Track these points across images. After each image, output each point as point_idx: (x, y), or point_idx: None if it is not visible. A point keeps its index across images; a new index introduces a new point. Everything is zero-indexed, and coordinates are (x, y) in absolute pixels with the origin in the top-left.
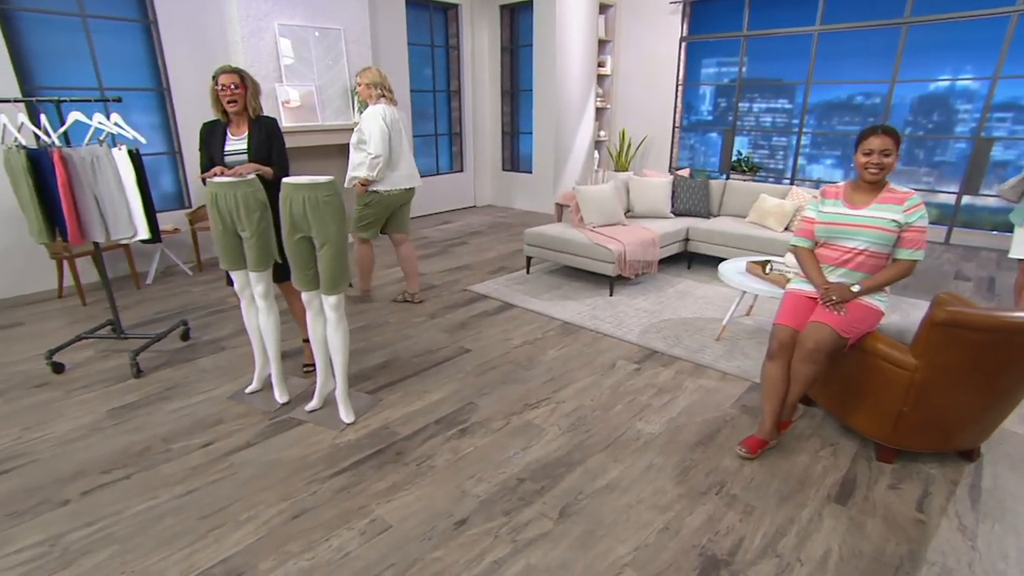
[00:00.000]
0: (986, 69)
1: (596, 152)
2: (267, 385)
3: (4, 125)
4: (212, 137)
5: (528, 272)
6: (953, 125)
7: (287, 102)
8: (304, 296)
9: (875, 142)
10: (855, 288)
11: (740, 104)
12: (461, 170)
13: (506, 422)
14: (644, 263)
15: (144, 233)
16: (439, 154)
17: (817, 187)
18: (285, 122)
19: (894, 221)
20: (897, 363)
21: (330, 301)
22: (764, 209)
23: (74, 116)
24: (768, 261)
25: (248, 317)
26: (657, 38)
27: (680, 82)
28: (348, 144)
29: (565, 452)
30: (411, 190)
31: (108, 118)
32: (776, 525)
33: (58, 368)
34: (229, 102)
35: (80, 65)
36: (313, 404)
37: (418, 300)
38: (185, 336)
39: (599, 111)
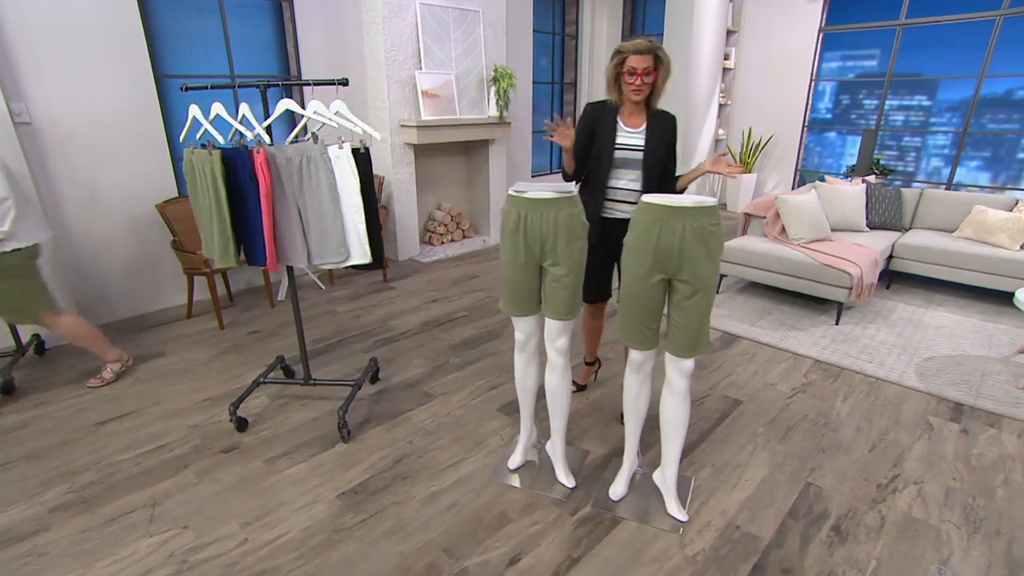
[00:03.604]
0: None
1: (714, 152)
2: (531, 457)
3: (193, 117)
4: (603, 125)
5: (718, 291)
6: None
7: (427, 92)
8: (637, 357)
9: None
10: None
11: (867, 101)
12: None
13: (879, 516)
14: (870, 286)
15: (361, 256)
16: (552, 151)
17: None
18: (425, 114)
19: None
20: None
21: (685, 367)
22: (987, 223)
23: (284, 104)
24: None
25: (525, 374)
26: (789, 29)
27: (814, 77)
28: (479, 141)
29: (1006, 570)
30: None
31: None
32: None
33: (242, 425)
34: (635, 91)
35: (207, 50)
36: (620, 491)
37: (120, 369)
38: (375, 377)
39: (720, 108)
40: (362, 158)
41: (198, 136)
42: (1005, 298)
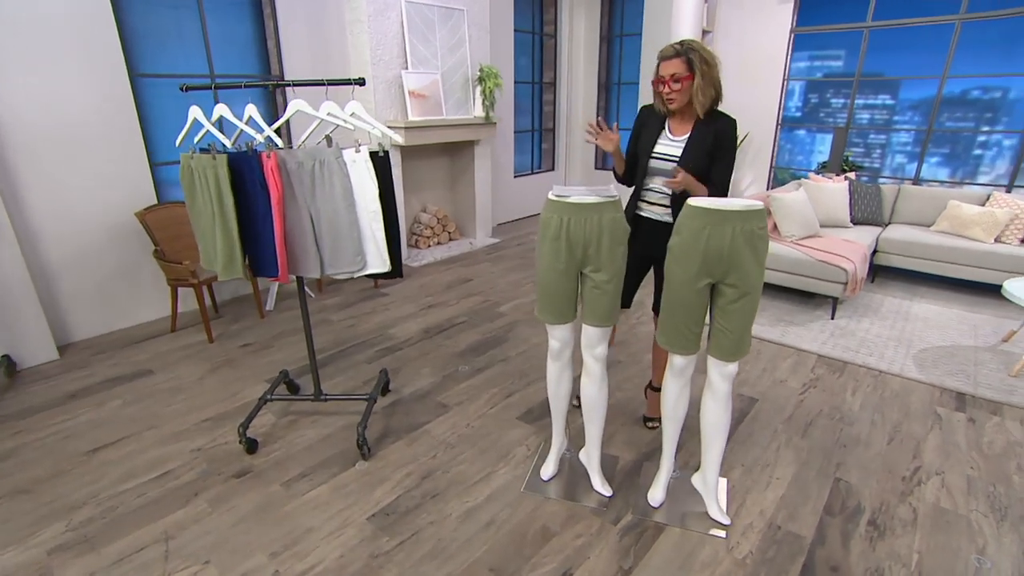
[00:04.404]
0: None
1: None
2: (563, 466)
3: (194, 119)
4: (647, 130)
5: None
6: None
7: (414, 92)
8: (679, 362)
9: None
10: None
11: (834, 100)
12: (552, 168)
13: (910, 509)
14: (861, 280)
15: (380, 265)
16: (534, 151)
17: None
18: (412, 115)
19: None
20: None
21: (728, 370)
22: (963, 217)
23: (296, 105)
24: None
25: (559, 383)
26: (761, 30)
27: (786, 77)
28: (466, 142)
29: None
30: None
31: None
32: None
33: (252, 447)
34: (667, 99)
35: (183, 49)
36: (659, 497)
37: None
38: (385, 389)
39: None
40: (381, 162)
41: (196, 140)
42: (983, 289)
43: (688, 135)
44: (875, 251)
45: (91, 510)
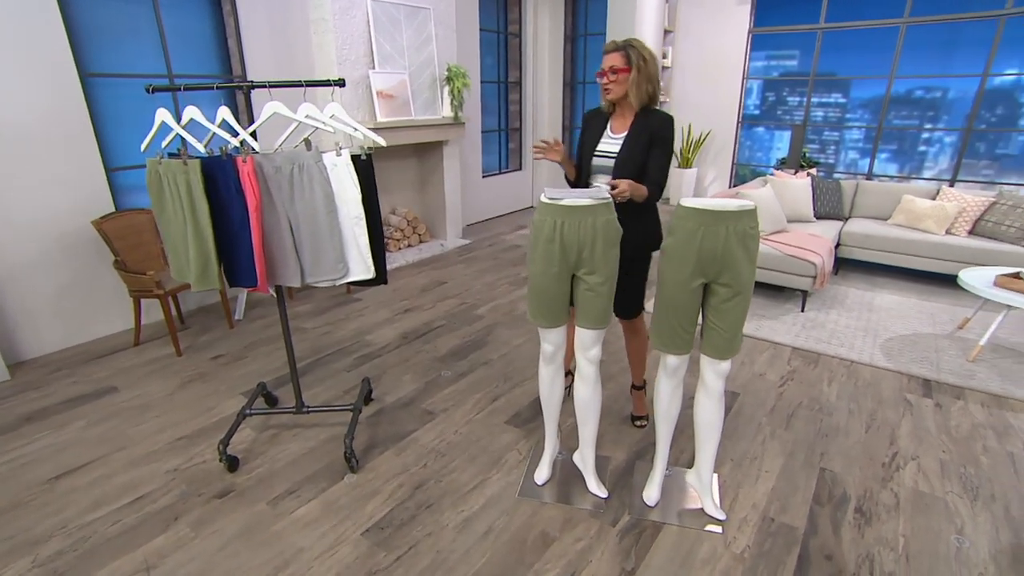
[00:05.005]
0: None
1: None
2: (556, 469)
3: (162, 122)
4: (590, 130)
5: None
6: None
7: (382, 92)
8: (673, 362)
9: None
10: None
11: (790, 98)
12: (520, 168)
13: (892, 494)
14: (828, 273)
15: (364, 272)
16: (501, 151)
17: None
18: (380, 116)
19: None
20: None
21: (721, 368)
22: (917, 211)
23: (272, 107)
24: (1020, 273)
25: (552, 386)
26: (720, 30)
27: (745, 76)
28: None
29: (1010, 532)
30: None
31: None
32: None
33: (233, 464)
34: (604, 90)
35: (138, 47)
36: (654, 496)
37: None
38: (368, 398)
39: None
40: (363, 165)
41: (164, 144)
42: (936, 279)
43: (626, 132)
44: (838, 244)
45: (60, 542)
